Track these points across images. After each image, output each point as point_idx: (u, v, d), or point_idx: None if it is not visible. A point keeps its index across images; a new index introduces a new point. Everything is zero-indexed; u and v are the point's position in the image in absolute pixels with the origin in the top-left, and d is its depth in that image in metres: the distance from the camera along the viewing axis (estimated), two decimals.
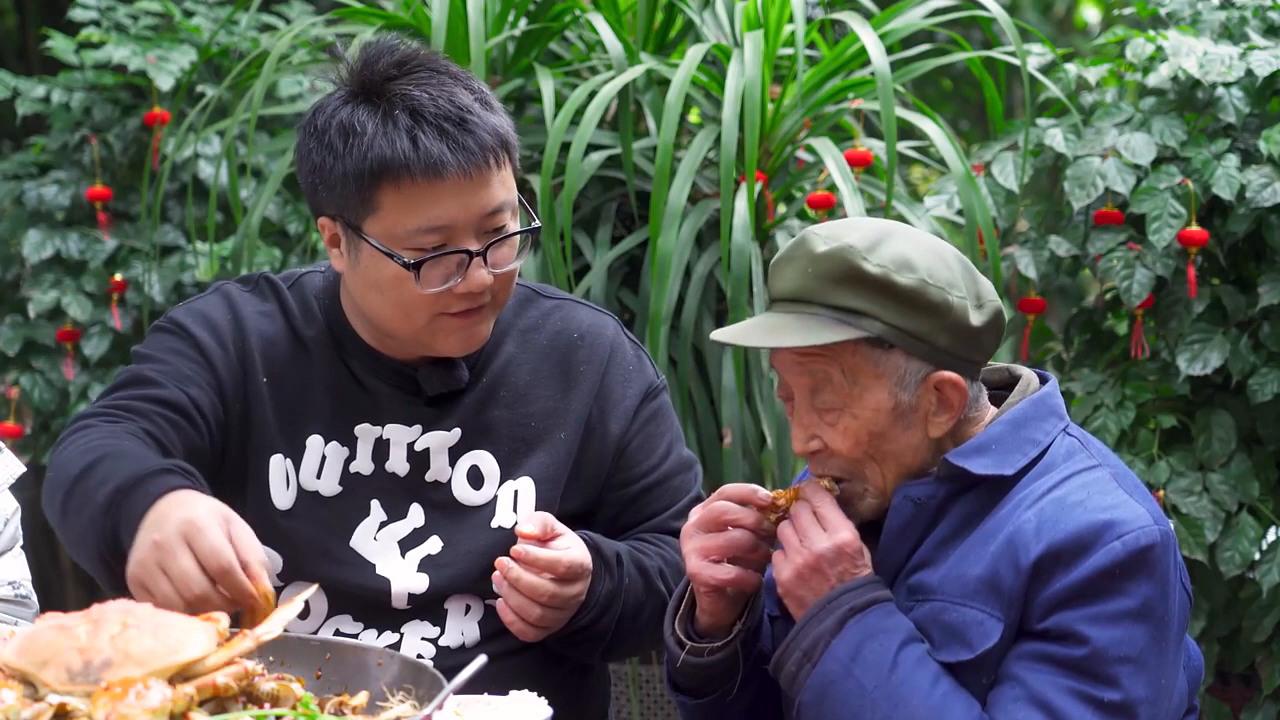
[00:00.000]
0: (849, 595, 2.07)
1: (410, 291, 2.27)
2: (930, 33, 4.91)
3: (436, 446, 2.38)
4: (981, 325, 2.10)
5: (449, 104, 2.25)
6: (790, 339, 2.07)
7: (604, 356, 2.45)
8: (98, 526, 2.09)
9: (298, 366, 2.38)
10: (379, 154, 2.23)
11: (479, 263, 2.27)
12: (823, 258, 2.07)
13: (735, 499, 2.17)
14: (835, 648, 2.06)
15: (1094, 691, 1.99)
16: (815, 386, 2.10)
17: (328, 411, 2.37)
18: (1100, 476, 2.09)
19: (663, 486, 2.47)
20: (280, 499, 2.36)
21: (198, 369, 2.34)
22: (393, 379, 2.38)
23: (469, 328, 2.32)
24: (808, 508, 2.12)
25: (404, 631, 2.36)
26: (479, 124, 2.26)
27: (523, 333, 2.45)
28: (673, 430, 2.51)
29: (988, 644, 2.03)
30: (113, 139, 4.59)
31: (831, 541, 2.08)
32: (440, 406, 2.39)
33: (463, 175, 2.24)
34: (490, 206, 2.27)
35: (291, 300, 2.42)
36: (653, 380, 2.49)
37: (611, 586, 2.34)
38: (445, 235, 2.26)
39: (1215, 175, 3.54)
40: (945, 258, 2.10)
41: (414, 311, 2.29)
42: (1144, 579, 2.01)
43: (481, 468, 2.39)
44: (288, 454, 2.36)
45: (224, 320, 2.38)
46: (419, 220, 2.24)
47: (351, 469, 2.37)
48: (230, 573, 1.94)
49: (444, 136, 2.23)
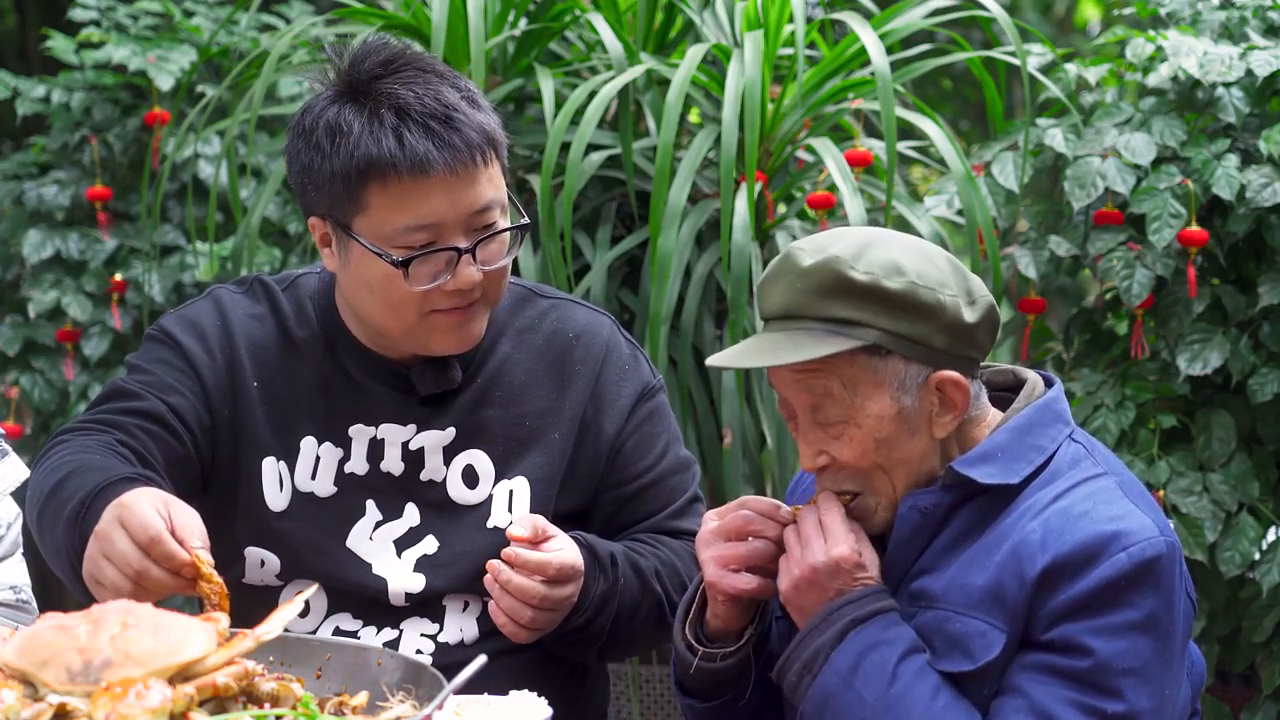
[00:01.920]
0: (851, 606, 2.07)
1: (400, 290, 2.27)
2: (930, 33, 4.91)
3: (431, 446, 2.38)
4: (975, 321, 2.09)
5: (435, 102, 2.26)
6: (786, 356, 2.06)
7: (599, 356, 2.45)
8: (68, 539, 2.12)
9: (289, 369, 2.39)
10: (365, 153, 2.24)
11: (468, 260, 2.27)
12: (809, 271, 2.06)
13: (759, 511, 2.16)
14: (835, 660, 2.05)
15: (1097, 703, 1.99)
16: (816, 402, 2.09)
17: (321, 413, 2.38)
18: (1106, 485, 2.08)
19: (659, 486, 2.47)
20: (274, 501, 2.36)
21: (182, 377, 2.36)
22: (387, 379, 2.39)
23: (461, 325, 2.32)
24: (814, 515, 2.11)
25: (403, 628, 2.37)
26: (465, 122, 2.26)
27: (518, 332, 2.45)
28: (670, 430, 2.50)
29: (990, 656, 2.02)
30: (113, 139, 4.59)
31: (828, 555, 2.08)
32: (435, 406, 2.39)
33: (449, 173, 2.24)
34: (478, 204, 2.27)
35: (285, 302, 2.42)
36: (649, 380, 2.49)
37: (606, 587, 2.34)
38: (433, 233, 2.26)
39: (1215, 175, 3.53)
40: (932, 258, 2.09)
41: (404, 310, 2.29)
42: (1149, 591, 2.00)
43: (476, 467, 2.39)
44: (281, 456, 2.37)
45: (212, 327, 2.39)
46: (407, 218, 2.25)
47: (346, 469, 2.37)
48: (159, 541, 1.97)
49: (430, 134, 2.24)
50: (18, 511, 2.54)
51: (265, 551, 2.36)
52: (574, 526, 2.36)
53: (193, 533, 1.99)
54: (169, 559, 1.97)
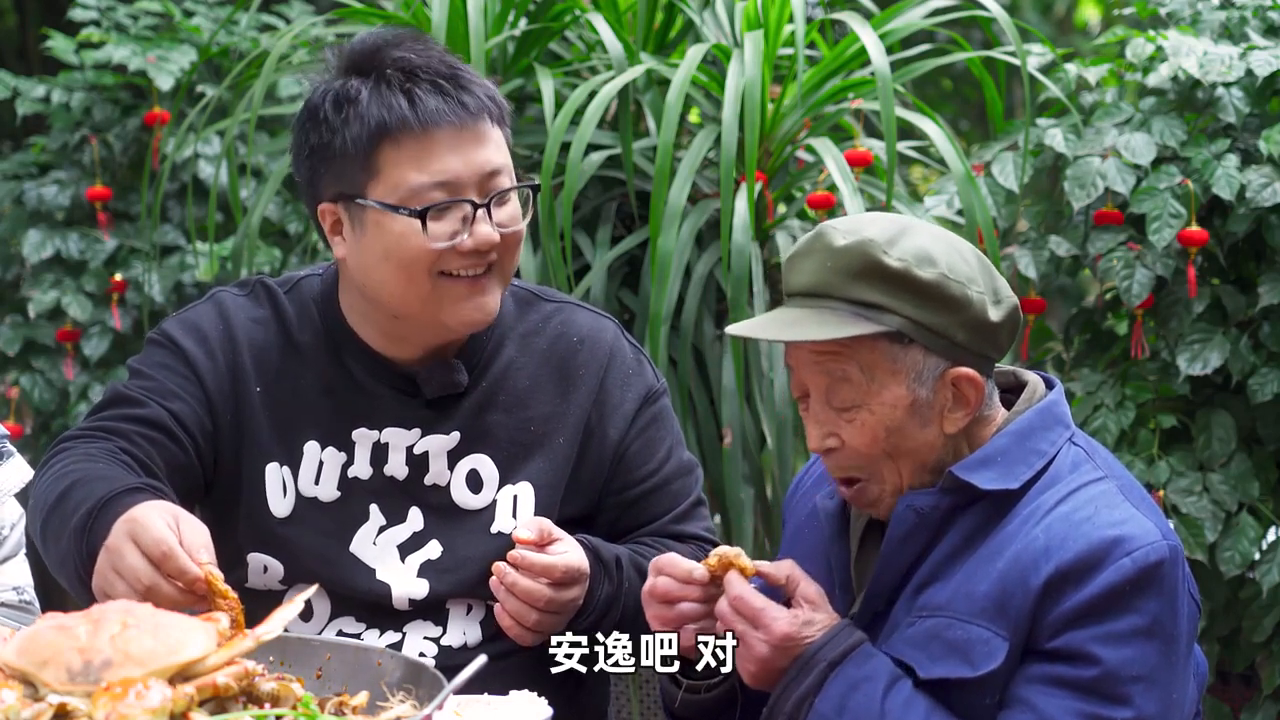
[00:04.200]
0: (825, 650, 2.06)
1: (415, 247, 2.25)
2: (930, 33, 4.90)
3: (436, 450, 2.37)
4: (999, 321, 2.09)
5: (440, 63, 2.28)
6: (809, 333, 2.05)
7: (603, 361, 2.45)
8: (74, 551, 2.12)
9: (292, 373, 2.38)
10: (376, 115, 2.25)
11: (484, 217, 2.26)
12: (842, 251, 2.06)
13: (676, 578, 2.14)
14: (820, 707, 2.04)
15: (1106, 712, 1.98)
16: (832, 384, 2.09)
17: (324, 416, 2.37)
18: (1107, 489, 2.07)
19: (663, 490, 2.46)
20: (278, 507, 2.36)
21: (183, 382, 2.35)
22: (392, 381, 2.38)
23: (475, 296, 2.30)
24: (731, 613, 2.08)
25: (406, 631, 2.36)
26: (472, 80, 2.29)
27: (523, 336, 2.44)
28: (673, 434, 2.50)
29: (992, 665, 2.01)
30: (113, 139, 4.59)
31: (769, 646, 2.06)
32: (439, 409, 2.38)
33: (459, 128, 2.25)
34: (490, 165, 2.28)
35: (288, 305, 2.41)
36: (652, 384, 2.49)
37: (611, 590, 2.33)
38: (449, 191, 2.26)
39: (1215, 175, 3.53)
40: (963, 252, 2.09)
41: (418, 274, 2.27)
42: (1154, 596, 2.00)
43: (480, 471, 2.39)
44: (285, 462, 2.36)
45: (215, 331, 2.38)
46: (421, 176, 2.25)
47: (350, 474, 2.37)
48: (171, 556, 1.96)
49: (439, 91, 2.26)
50: (21, 512, 2.53)
51: (268, 557, 2.35)
52: (578, 531, 2.36)
53: (201, 548, 1.98)
54: (181, 574, 1.96)
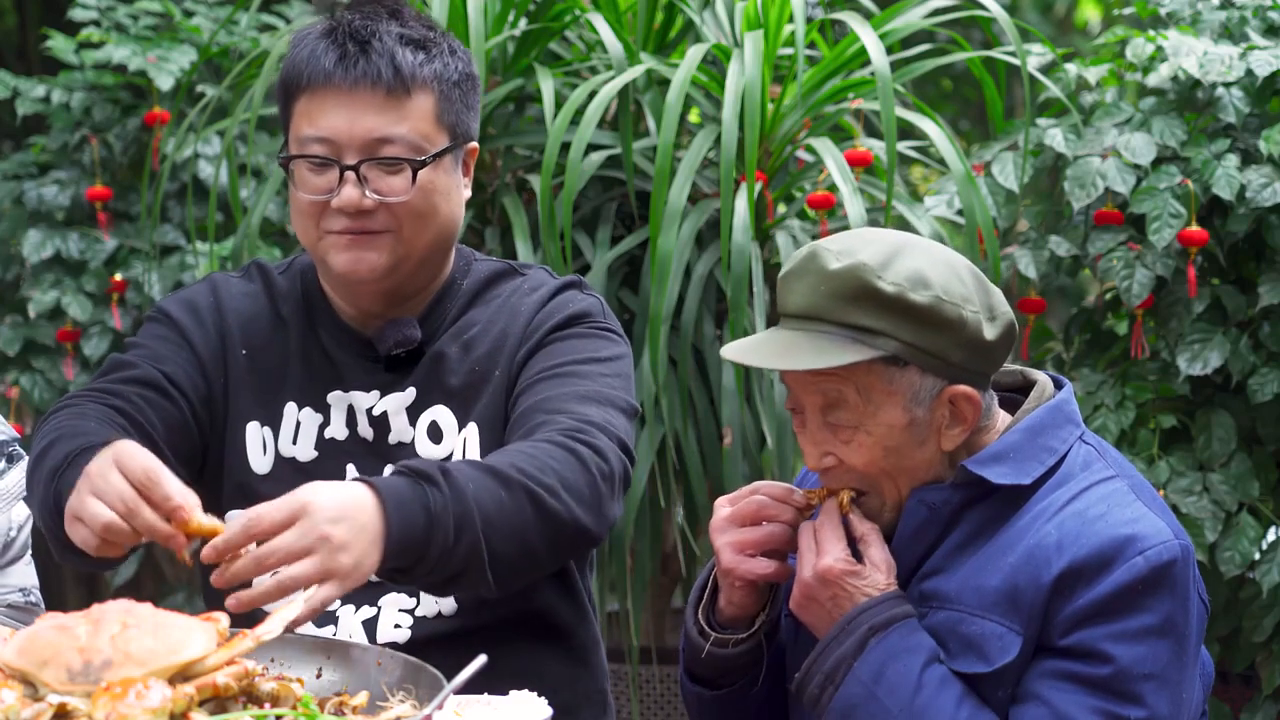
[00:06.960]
0: (868, 614, 2.06)
1: (300, 199, 2.34)
2: (930, 33, 4.91)
3: (394, 408, 2.39)
4: (995, 339, 2.08)
5: (363, 29, 2.33)
6: (804, 361, 2.05)
7: (546, 295, 2.43)
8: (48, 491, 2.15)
9: (276, 341, 2.44)
10: (287, 67, 2.36)
11: (351, 179, 2.31)
12: (835, 275, 2.04)
13: (773, 496, 2.16)
14: (858, 669, 2.05)
15: (1119, 710, 1.99)
16: (828, 405, 2.08)
17: (302, 380, 2.42)
18: (1119, 488, 2.08)
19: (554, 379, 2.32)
20: (258, 464, 2.40)
21: (175, 348, 2.42)
22: (354, 346, 2.43)
23: (354, 249, 2.34)
24: (810, 530, 2.11)
25: (381, 605, 2.36)
26: (381, 50, 2.31)
27: (485, 297, 2.47)
28: (590, 354, 2.37)
29: (1006, 659, 2.02)
30: (113, 139, 4.59)
31: (814, 570, 2.08)
32: (397, 370, 2.42)
33: (348, 90, 2.30)
34: (376, 132, 2.31)
35: (279, 282, 2.49)
36: (588, 311, 2.40)
37: (447, 496, 2.08)
38: (330, 149, 2.32)
39: (1215, 175, 3.54)
40: (959, 271, 2.08)
41: (308, 223, 2.35)
42: (1165, 595, 2.01)
43: (440, 422, 2.40)
44: (265, 422, 2.41)
45: (205, 302, 2.47)
46: (310, 129, 2.33)
47: (326, 434, 2.41)
48: (157, 480, 1.95)
49: (341, 52, 2.32)
50: (28, 514, 2.55)
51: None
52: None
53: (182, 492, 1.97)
54: (164, 501, 1.94)
